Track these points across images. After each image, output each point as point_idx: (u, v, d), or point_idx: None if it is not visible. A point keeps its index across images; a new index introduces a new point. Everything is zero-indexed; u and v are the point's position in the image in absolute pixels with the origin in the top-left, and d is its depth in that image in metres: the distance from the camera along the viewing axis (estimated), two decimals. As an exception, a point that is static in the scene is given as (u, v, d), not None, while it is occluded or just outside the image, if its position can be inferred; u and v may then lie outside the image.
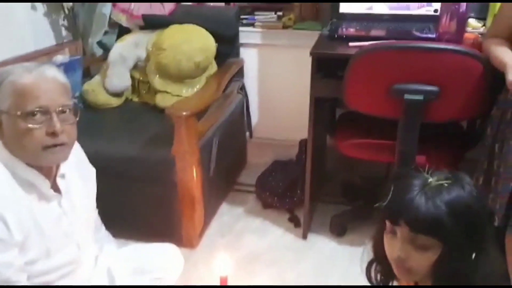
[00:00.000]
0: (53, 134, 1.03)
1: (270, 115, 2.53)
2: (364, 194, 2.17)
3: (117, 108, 2.13)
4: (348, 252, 1.88)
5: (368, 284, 1.07)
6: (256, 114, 2.55)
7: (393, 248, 0.89)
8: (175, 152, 1.71)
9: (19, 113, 1.00)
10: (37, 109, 1.01)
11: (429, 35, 1.64)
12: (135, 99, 2.22)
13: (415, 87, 1.42)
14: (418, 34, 1.67)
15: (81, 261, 1.23)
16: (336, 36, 1.69)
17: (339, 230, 1.97)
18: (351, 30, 1.74)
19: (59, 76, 1.08)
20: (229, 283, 1.28)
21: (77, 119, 1.10)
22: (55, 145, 1.04)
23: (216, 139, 1.92)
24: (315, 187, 1.98)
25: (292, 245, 1.94)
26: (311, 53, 1.57)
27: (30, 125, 1.01)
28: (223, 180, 2.17)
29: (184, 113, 1.64)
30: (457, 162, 1.59)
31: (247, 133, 2.53)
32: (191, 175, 1.75)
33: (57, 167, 1.13)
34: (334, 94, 1.63)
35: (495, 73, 1.32)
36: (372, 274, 1.04)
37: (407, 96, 1.43)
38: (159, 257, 1.48)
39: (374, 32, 1.71)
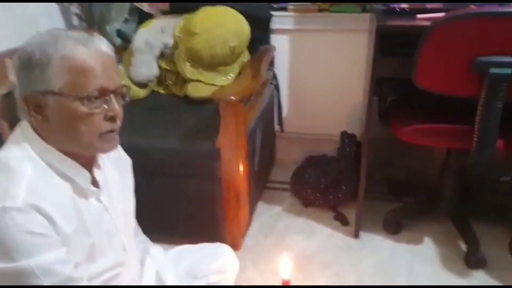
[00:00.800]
0: (112, 119, 0.87)
1: (300, 108, 2.36)
2: (414, 190, 2.02)
3: (144, 100, 1.94)
4: (408, 251, 1.72)
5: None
6: (286, 107, 2.37)
7: None
8: (221, 143, 1.52)
9: (80, 94, 0.82)
10: (98, 90, 0.84)
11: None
12: (161, 91, 2.03)
13: (502, 59, 1.26)
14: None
15: (127, 264, 1.05)
16: (398, 10, 1.53)
17: (393, 227, 1.81)
18: (404, 5, 1.58)
19: (111, 50, 0.90)
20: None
21: (128, 100, 0.93)
22: (111, 131, 0.88)
23: (259, 129, 1.74)
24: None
25: (345, 245, 1.76)
26: (377, 27, 1.41)
27: (91, 109, 0.83)
28: (260, 176, 1.99)
29: (233, 98, 1.46)
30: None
31: (277, 127, 2.35)
32: (237, 169, 1.56)
33: (94, 158, 0.95)
34: (399, 74, 1.47)
35: None
36: None
37: (492, 70, 1.27)
38: (213, 260, 1.31)
39: (430, 5, 1.56)
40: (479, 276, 1.58)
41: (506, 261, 1.63)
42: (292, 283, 1.40)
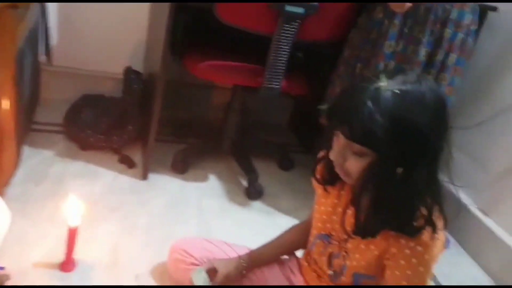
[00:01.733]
0: None
1: (74, 38, 2.03)
2: (199, 132, 2.05)
3: None
4: (196, 187, 1.75)
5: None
6: (55, 35, 2.00)
7: (333, 150, 0.86)
8: (-24, 62, 1.15)
9: None
10: None
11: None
12: None
13: (297, -3, 1.35)
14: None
15: None
16: None
17: (181, 167, 1.80)
18: None
19: None
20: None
21: None
22: None
23: (29, 53, 1.40)
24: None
25: (132, 187, 1.65)
26: None
27: None
28: (25, 115, 1.63)
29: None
30: (312, 86, 1.64)
31: (43, 58, 1.97)
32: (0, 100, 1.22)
33: None
34: (202, 4, 1.40)
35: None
36: (317, 173, 0.96)
37: (288, 8, 1.35)
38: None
39: None
40: (257, 205, 1.74)
41: (277, 190, 1.84)
42: (80, 229, 1.22)
